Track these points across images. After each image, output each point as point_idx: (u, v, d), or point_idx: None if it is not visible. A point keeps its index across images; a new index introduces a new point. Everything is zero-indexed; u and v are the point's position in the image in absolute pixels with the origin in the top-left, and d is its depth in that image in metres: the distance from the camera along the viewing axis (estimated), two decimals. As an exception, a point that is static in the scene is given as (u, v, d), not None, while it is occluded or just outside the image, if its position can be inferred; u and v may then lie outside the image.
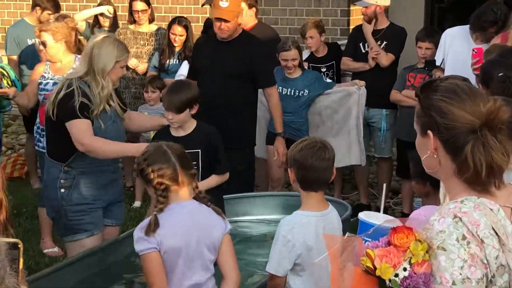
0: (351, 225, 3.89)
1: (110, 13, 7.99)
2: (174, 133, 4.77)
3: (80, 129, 4.56)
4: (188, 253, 3.53)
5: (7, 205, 2.89)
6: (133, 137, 6.66)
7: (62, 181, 4.71)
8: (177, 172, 3.52)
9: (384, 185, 2.86)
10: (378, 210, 2.67)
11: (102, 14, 8.04)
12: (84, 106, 4.56)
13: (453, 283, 1.97)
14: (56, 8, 7.70)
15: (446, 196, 2.27)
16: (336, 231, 3.63)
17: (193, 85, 5.04)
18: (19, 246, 1.58)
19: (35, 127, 6.28)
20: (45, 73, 6.09)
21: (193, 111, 4.76)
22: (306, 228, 3.56)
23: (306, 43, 7.24)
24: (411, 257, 1.94)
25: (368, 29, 7.01)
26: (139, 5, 7.61)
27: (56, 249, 6.18)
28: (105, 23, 8.00)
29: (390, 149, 7.11)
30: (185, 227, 3.53)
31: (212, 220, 3.60)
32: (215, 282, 3.64)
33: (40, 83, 6.07)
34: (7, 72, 6.91)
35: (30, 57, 7.18)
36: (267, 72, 5.96)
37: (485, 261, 2.01)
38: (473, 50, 5.47)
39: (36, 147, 6.28)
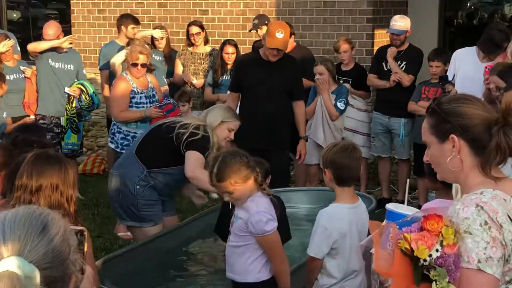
0: (375, 216, 3.86)
1: (159, 37, 7.84)
2: None
3: (197, 160, 4.52)
4: None
5: (76, 200, 2.88)
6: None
7: (141, 181, 4.69)
8: None
9: (408, 180, 2.83)
10: (398, 203, 2.66)
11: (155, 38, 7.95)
12: (207, 156, 4.52)
13: (479, 261, 1.96)
14: (136, 21, 7.61)
15: (458, 191, 2.25)
16: (365, 221, 3.58)
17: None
18: (85, 233, 1.59)
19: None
20: (133, 87, 5.99)
21: None
22: (341, 218, 3.53)
23: (340, 57, 7.18)
24: (442, 240, 1.93)
25: (392, 54, 6.90)
26: (194, 29, 7.66)
27: (128, 233, 6.14)
28: (160, 45, 7.92)
29: (408, 152, 7.04)
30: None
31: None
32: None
33: (132, 97, 5.99)
34: (85, 88, 6.92)
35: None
36: (301, 88, 6.11)
37: (504, 243, 1.99)
38: (486, 68, 5.39)
39: (114, 147, 6.13)
